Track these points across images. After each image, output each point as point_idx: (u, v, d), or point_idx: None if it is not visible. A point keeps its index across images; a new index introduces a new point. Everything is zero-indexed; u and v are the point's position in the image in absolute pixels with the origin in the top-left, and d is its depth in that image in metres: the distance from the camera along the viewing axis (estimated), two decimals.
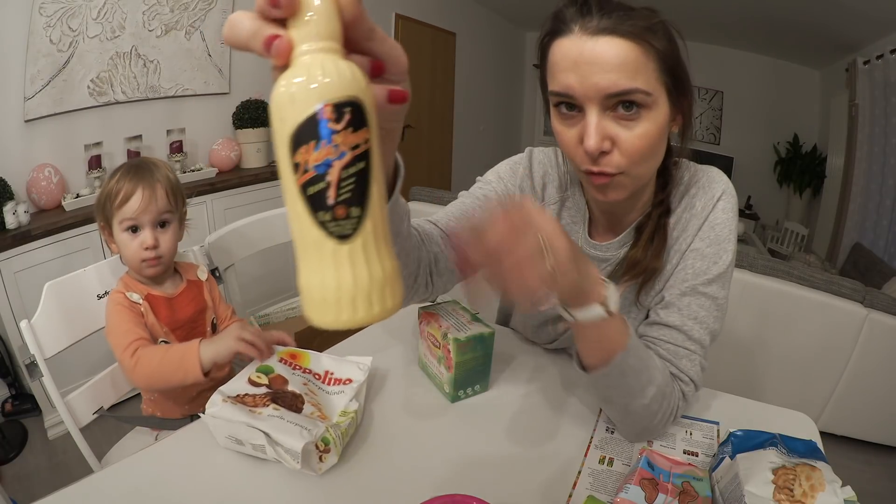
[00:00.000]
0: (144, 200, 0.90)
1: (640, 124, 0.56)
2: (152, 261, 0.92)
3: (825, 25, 3.40)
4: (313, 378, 0.71)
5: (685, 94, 0.59)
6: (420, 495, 0.49)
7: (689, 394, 0.65)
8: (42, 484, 1.58)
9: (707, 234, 0.66)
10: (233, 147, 2.55)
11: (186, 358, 0.83)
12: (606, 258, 0.72)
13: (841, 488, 0.49)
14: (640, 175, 0.60)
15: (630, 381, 0.59)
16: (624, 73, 0.53)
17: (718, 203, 0.67)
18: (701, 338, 0.65)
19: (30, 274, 1.69)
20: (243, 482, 0.58)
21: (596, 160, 0.57)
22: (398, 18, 3.63)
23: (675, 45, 0.57)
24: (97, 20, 2.03)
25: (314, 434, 0.57)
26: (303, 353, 0.74)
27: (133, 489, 0.56)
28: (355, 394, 0.68)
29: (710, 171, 0.70)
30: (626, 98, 0.54)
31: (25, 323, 0.87)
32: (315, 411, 0.63)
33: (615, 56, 0.53)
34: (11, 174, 1.79)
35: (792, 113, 4.63)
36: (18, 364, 1.80)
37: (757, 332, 1.87)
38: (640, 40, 0.53)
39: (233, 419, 0.58)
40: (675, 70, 0.57)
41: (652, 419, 0.62)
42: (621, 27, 0.53)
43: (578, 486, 0.59)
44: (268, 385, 0.66)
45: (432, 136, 4.33)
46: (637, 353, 0.58)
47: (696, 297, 0.65)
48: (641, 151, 0.57)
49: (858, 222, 3.53)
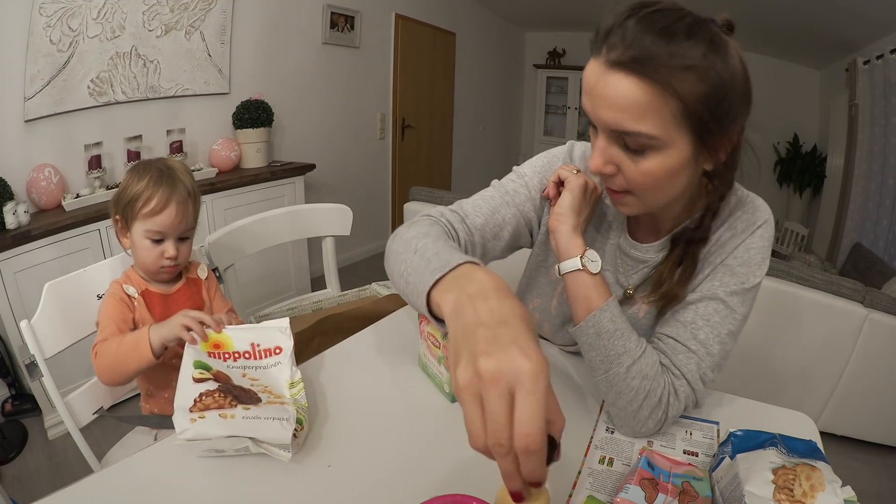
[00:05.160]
0: (176, 217, 0.91)
1: (647, 161, 0.56)
2: (170, 268, 0.94)
3: (825, 25, 3.40)
4: (245, 360, 0.72)
5: (722, 135, 0.56)
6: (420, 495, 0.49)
7: (681, 390, 0.64)
8: (42, 484, 1.59)
9: (741, 255, 0.66)
10: (233, 147, 2.55)
11: (139, 342, 0.83)
12: (644, 260, 0.73)
13: (841, 488, 0.49)
14: (653, 202, 0.62)
15: (605, 343, 0.63)
16: (629, 115, 0.53)
17: (758, 230, 0.67)
18: (707, 340, 0.65)
19: (30, 274, 1.70)
20: (244, 481, 0.58)
21: (605, 178, 0.61)
22: (398, 18, 3.63)
23: (720, 87, 0.52)
24: (97, 20, 2.03)
25: (291, 421, 0.60)
26: (221, 337, 0.75)
27: (133, 489, 0.56)
28: (290, 361, 0.71)
29: (756, 199, 0.70)
30: (631, 137, 0.54)
31: (25, 323, 0.87)
32: (270, 396, 0.66)
33: (622, 96, 0.52)
34: (11, 174, 1.79)
35: (792, 113, 4.62)
36: (18, 364, 1.80)
37: (757, 332, 1.87)
38: (657, 82, 0.51)
39: (211, 434, 0.58)
40: (708, 116, 0.53)
41: (637, 401, 0.63)
42: (640, 65, 0.50)
43: (578, 486, 0.59)
44: (214, 378, 0.67)
45: (432, 136, 4.33)
46: (613, 318, 0.64)
47: (713, 302, 0.66)
48: (645, 185, 0.58)
49: (858, 222, 3.53)
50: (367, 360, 0.84)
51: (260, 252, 1.34)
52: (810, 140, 4.54)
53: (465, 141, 4.84)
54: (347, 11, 3.19)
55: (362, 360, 0.84)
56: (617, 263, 0.76)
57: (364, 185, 3.69)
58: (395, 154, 3.93)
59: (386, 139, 3.83)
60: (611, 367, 0.63)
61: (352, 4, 3.20)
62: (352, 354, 0.86)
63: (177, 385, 0.65)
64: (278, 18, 2.80)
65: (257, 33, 2.71)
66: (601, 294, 0.65)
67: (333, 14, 3.10)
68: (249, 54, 2.70)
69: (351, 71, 3.37)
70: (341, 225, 1.47)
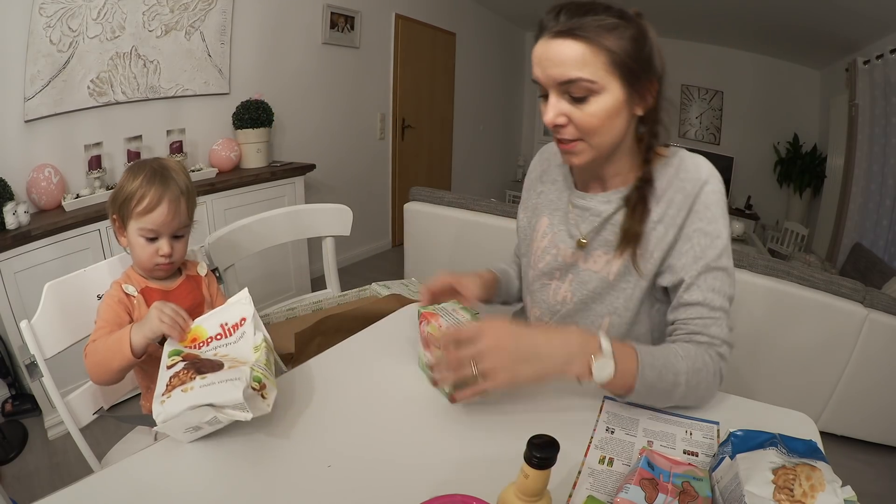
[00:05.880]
0: (168, 215, 0.91)
1: (590, 105, 0.70)
2: (165, 265, 0.94)
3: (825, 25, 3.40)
4: (217, 340, 0.74)
5: (646, 82, 0.72)
6: (420, 495, 0.49)
7: (725, 353, 0.75)
8: (42, 484, 1.58)
9: (705, 215, 0.76)
10: (233, 147, 2.55)
11: (122, 341, 0.83)
12: (590, 208, 0.83)
13: (841, 488, 0.49)
14: (599, 144, 0.74)
15: (659, 387, 0.69)
16: (572, 66, 0.68)
17: (707, 186, 0.76)
18: (722, 304, 0.76)
19: (30, 274, 1.69)
20: (244, 481, 0.58)
21: (557, 131, 0.74)
22: (398, 18, 3.63)
23: (637, 42, 0.69)
24: (97, 20, 2.03)
25: (244, 378, 0.60)
26: (196, 330, 0.76)
27: (133, 489, 0.56)
28: (254, 327, 0.72)
29: (697, 157, 0.79)
30: (574, 84, 0.69)
31: (25, 323, 0.87)
32: (232, 363, 0.67)
33: (565, 53, 0.69)
34: (11, 174, 1.79)
35: (792, 113, 4.63)
36: (18, 364, 1.80)
37: (757, 332, 1.87)
38: (587, 40, 0.67)
39: (176, 411, 0.59)
40: (632, 63, 0.69)
41: (696, 391, 0.72)
42: (575, 30, 0.68)
43: (578, 486, 0.59)
44: (182, 360, 0.68)
45: (432, 136, 4.33)
46: (652, 367, 0.68)
47: (710, 273, 0.75)
48: (591, 125, 0.71)
49: (858, 222, 3.53)
50: (367, 360, 0.84)
51: (260, 252, 1.34)
52: (810, 140, 4.54)
53: (465, 141, 4.84)
54: (347, 11, 3.19)
55: (362, 360, 0.84)
56: (568, 218, 0.87)
57: (364, 185, 3.69)
58: (395, 154, 3.93)
59: (386, 139, 3.83)
60: (671, 394, 0.71)
61: (352, 4, 3.20)
62: (352, 354, 0.86)
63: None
64: (278, 18, 2.80)
65: (257, 33, 2.71)
66: (628, 364, 0.67)
67: (333, 14, 3.10)
68: (249, 54, 2.69)
69: (351, 71, 3.37)
70: (341, 225, 1.47)
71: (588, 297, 0.84)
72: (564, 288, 0.87)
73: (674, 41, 4.78)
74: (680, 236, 0.76)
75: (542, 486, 0.45)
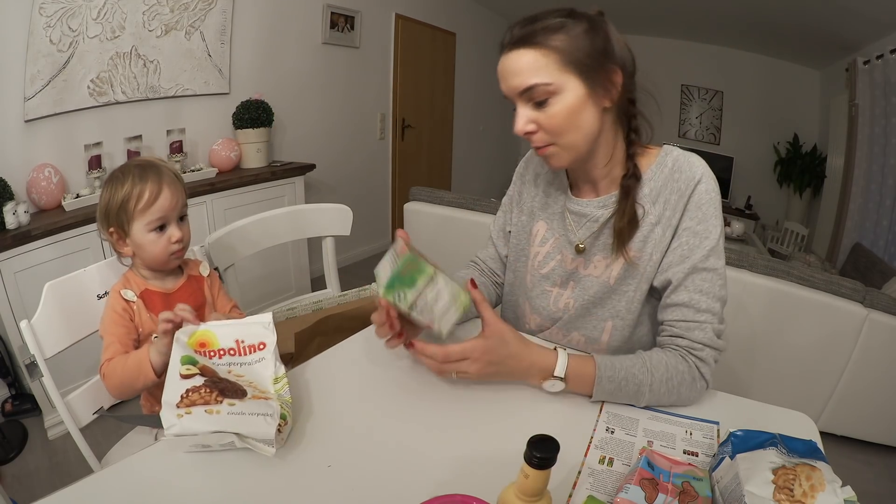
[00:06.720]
0: (173, 198, 0.92)
1: (551, 107, 0.71)
2: (179, 252, 0.96)
3: (825, 25, 3.40)
4: (230, 356, 0.72)
5: (607, 74, 0.71)
6: (420, 495, 0.49)
7: (707, 357, 0.74)
8: (42, 484, 1.59)
9: (695, 214, 0.76)
10: (233, 147, 2.55)
11: (142, 365, 0.85)
12: (587, 214, 0.84)
13: (841, 488, 0.49)
14: (571, 143, 0.74)
15: (622, 392, 0.72)
16: (527, 73, 0.70)
17: (700, 185, 0.75)
18: (710, 307, 0.75)
19: (30, 274, 1.69)
20: (244, 481, 0.58)
21: (530, 138, 0.75)
22: (398, 18, 3.63)
23: (588, 36, 0.70)
24: (97, 20, 2.03)
25: (275, 416, 0.60)
26: (206, 334, 0.74)
27: (133, 489, 0.56)
28: (275, 357, 0.71)
29: (690, 156, 0.79)
30: (533, 90, 0.71)
31: (25, 323, 0.87)
32: (255, 391, 0.66)
33: (519, 62, 0.71)
34: (11, 174, 1.79)
35: (792, 113, 4.63)
36: (18, 364, 1.80)
37: (757, 333, 1.87)
38: (537, 45, 0.69)
39: (199, 431, 0.58)
40: (584, 58, 0.70)
41: (667, 397, 0.72)
42: (523, 39, 0.70)
43: (578, 486, 0.59)
44: (200, 373, 0.67)
45: (432, 136, 4.33)
46: (611, 379, 0.71)
47: (698, 274, 0.75)
48: (557, 126, 0.72)
49: (858, 222, 3.53)
50: (367, 360, 0.84)
51: (260, 252, 1.34)
52: (810, 140, 4.54)
53: (465, 141, 4.84)
54: (347, 11, 3.19)
55: (362, 360, 0.84)
56: (566, 223, 0.87)
57: (364, 185, 3.69)
58: (395, 154, 3.93)
59: (386, 139, 3.83)
60: (639, 397, 0.72)
61: (352, 4, 3.20)
62: (352, 354, 0.86)
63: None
64: (278, 18, 2.80)
65: (257, 33, 2.71)
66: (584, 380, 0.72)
67: (333, 14, 3.10)
68: (249, 54, 2.69)
69: (351, 71, 3.37)
70: (341, 225, 1.47)
71: (590, 302, 0.84)
72: (566, 295, 0.87)
73: (674, 41, 4.79)
74: (674, 236, 0.77)
75: (542, 486, 0.45)
